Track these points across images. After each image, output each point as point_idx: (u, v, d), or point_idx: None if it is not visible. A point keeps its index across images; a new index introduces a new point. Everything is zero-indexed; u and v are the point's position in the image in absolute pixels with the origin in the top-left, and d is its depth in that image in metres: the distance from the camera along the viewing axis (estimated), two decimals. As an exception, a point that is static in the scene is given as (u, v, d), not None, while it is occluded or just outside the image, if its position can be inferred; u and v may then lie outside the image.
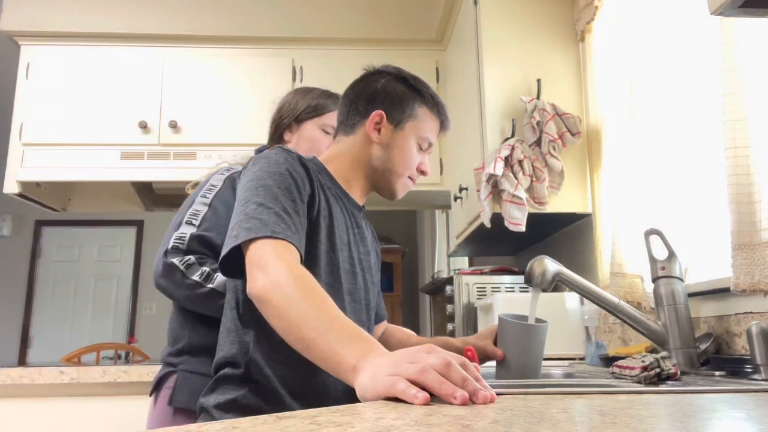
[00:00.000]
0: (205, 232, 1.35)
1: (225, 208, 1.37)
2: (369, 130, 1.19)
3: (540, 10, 2.20)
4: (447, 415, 0.56)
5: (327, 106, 1.58)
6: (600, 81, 1.95)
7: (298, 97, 1.61)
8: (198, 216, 1.37)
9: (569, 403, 0.67)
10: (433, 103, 1.23)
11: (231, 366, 1.03)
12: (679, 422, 0.56)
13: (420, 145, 1.21)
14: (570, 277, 1.29)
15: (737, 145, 1.19)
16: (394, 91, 1.21)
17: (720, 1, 0.83)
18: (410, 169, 1.22)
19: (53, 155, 2.69)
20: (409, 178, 1.23)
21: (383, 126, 1.19)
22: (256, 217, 0.95)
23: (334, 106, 1.56)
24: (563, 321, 1.92)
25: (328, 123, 1.57)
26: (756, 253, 1.16)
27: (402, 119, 1.20)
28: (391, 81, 1.22)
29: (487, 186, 1.98)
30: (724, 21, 1.22)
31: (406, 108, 1.20)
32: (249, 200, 0.98)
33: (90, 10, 2.86)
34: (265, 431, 0.47)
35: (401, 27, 2.95)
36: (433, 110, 1.22)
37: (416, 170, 1.23)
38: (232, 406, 1.00)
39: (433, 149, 1.26)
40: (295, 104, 1.60)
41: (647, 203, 1.63)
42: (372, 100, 1.21)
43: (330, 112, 1.57)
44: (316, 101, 1.59)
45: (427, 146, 1.23)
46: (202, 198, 1.40)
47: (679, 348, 1.23)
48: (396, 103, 1.20)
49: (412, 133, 1.20)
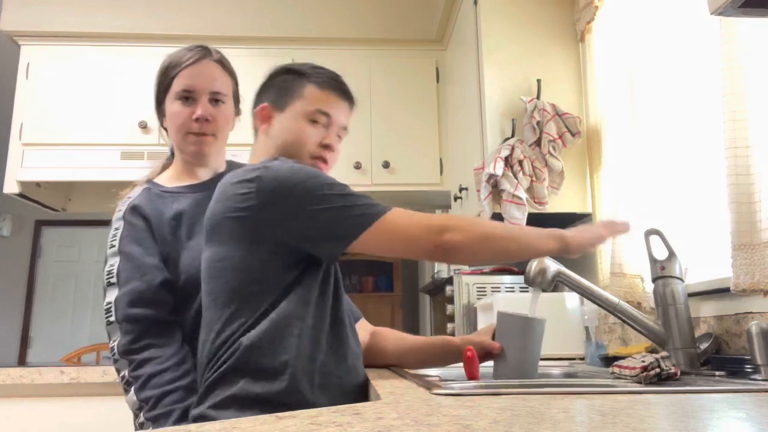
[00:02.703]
0: (128, 284, 1.21)
1: (136, 245, 1.24)
2: (258, 124, 1.21)
3: (540, 11, 2.20)
4: (447, 415, 0.56)
5: None
6: (600, 81, 1.95)
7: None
8: (113, 272, 1.24)
9: (569, 403, 0.66)
10: (318, 76, 1.20)
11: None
12: (679, 422, 0.56)
13: (313, 119, 1.17)
14: (570, 277, 1.29)
15: (737, 145, 1.19)
16: (277, 81, 1.22)
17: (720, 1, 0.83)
18: (307, 147, 1.17)
19: (53, 155, 2.69)
20: (314, 158, 1.18)
21: (270, 115, 1.20)
22: (357, 203, 1.02)
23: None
24: (563, 321, 1.92)
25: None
26: (756, 253, 1.16)
27: (287, 102, 1.19)
28: (274, 75, 1.23)
29: (487, 186, 1.98)
30: (724, 21, 1.22)
31: (290, 91, 1.19)
32: (320, 203, 1.01)
33: (90, 10, 2.86)
34: (265, 431, 0.47)
35: (401, 27, 2.95)
36: (319, 84, 1.19)
37: (318, 146, 1.18)
38: (233, 400, 0.98)
39: (338, 123, 1.21)
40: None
41: (647, 203, 1.63)
42: (258, 98, 1.23)
43: None
44: None
45: (326, 120, 1.18)
46: (110, 248, 1.27)
47: (679, 348, 1.22)
48: (280, 90, 1.21)
49: (299, 110, 1.17)
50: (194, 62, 1.33)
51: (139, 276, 1.22)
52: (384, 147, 2.81)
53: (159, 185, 1.36)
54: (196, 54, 1.35)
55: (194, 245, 1.25)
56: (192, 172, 1.37)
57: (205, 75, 1.33)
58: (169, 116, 1.35)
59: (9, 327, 5.65)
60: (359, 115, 2.86)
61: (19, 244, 5.80)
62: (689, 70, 1.59)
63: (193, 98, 1.32)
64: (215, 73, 1.35)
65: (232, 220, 1.05)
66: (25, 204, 2.88)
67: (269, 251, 1.04)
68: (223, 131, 1.37)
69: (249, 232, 1.04)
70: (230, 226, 1.05)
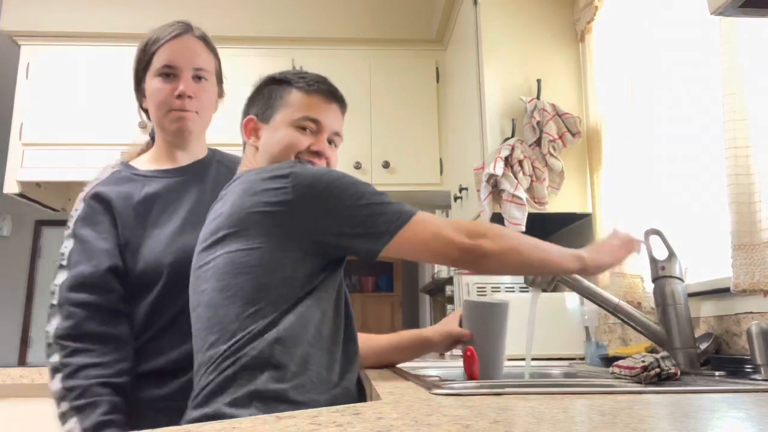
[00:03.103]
0: (76, 267, 1.17)
1: (90, 228, 1.20)
2: (245, 137, 1.19)
3: (540, 10, 2.20)
4: (447, 415, 0.56)
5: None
6: (600, 81, 1.95)
7: None
8: (65, 255, 1.20)
9: (569, 403, 0.66)
10: (302, 81, 1.17)
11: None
12: (679, 422, 0.56)
13: (301, 126, 1.14)
14: (570, 277, 1.29)
15: (737, 145, 1.19)
16: (263, 92, 1.20)
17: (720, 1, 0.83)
18: (292, 150, 1.13)
19: (53, 155, 2.69)
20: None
21: (257, 128, 1.18)
22: (392, 202, 1.03)
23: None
24: (563, 321, 1.92)
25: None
26: (756, 253, 1.16)
27: (273, 113, 1.16)
28: (260, 86, 1.21)
29: (487, 186, 1.98)
30: (724, 21, 1.22)
31: (275, 101, 1.17)
32: (358, 200, 1.01)
33: (90, 10, 2.86)
34: (265, 431, 0.47)
35: (401, 27, 2.95)
36: (303, 88, 1.16)
37: (307, 152, 1.14)
38: (254, 396, 0.94)
39: (328, 129, 1.17)
40: None
41: (647, 203, 1.63)
42: (246, 110, 1.21)
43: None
44: None
45: (315, 126, 1.15)
46: (66, 230, 1.23)
47: (679, 348, 1.22)
48: (264, 101, 1.18)
49: (284, 119, 1.15)
50: (175, 37, 1.29)
51: (86, 260, 1.17)
52: (384, 147, 2.81)
53: (132, 167, 1.30)
54: (177, 29, 1.30)
55: (159, 234, 1.20)
56: (171, 155, 1.31)
57: (187, 50, 1.28)
58: (150, 93, 1.28)
59: (9, 327, 5.65)
60: (359, 115, 2.87)
61: (19, 244, 5.79)
62: (689, 69, 1.59)
63: (175, 74, 1.26)
64: (197, 48, 1.31)
65: (264, 215, 1.02)
66: (25, 204, 2.88)
67: (302, 249, 1.02)
68: (206, 110, 1.32)
69: (283, 227, 1.01)
70: (261, 220, 1.02)
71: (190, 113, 1.27)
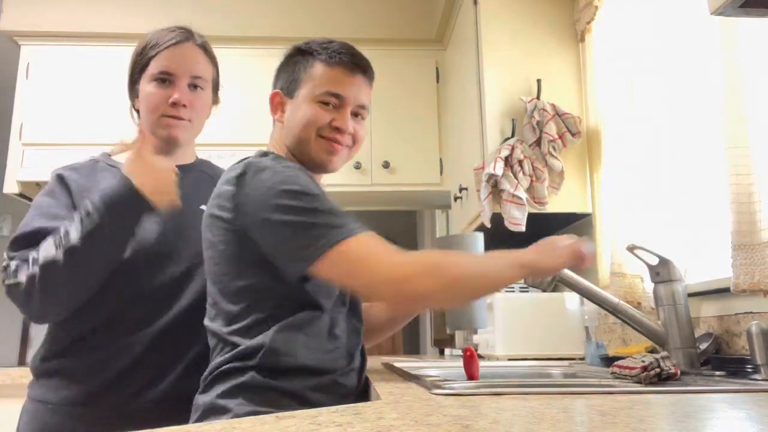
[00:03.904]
0: (26, 226, 1.18)
1: (49, 198, 1.22)
2: (272, 113, 1.17)
3: (540, 11, 2.20)
4: (447, 415, 0.56)
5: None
6: (600, 81, 1.95)
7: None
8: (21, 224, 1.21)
9: (569, 403, 0.67)
10: (324, 52, 1.12)
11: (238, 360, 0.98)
12: (679, 422, 0.56)
13: (323, 101, 1.11)
14: (570, 277, 1.29)
15: (737, 145, 1.19)
16: (287, 64, 1.17)
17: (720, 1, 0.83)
18: (313, 127, 1.10)
19: (53, 155, 2.68)
20: (323, 138, 1.11)
21: (282, 102, 1.15)
22: (319, 222, 0.95)
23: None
24: (563, 321, 1.92)
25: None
26: (756, 253, 1.16)
27: (297, 87, 1.13)
28: (287, 57, 1.18)
29: (487, 186, 1.98)
30: (724, 21, 1.22)
31: (300, 73, 1.13)
32: (295, 210, 0.96)
33: (90, 10, 2.86)
34: (265, 431, 0.47)
35: (401, 27, 2.95)
36: (325, 61, 1.12)
37: (328, 128, 1.11)
38: (240, 388, 0.95)
39: (353, 102, 1.13)
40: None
41: (647, 203, 1.63)
42: (274, 84, 1.19)
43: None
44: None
45: (337, 101, 1.12)
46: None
47: (679, 348, 1.22)
48: (289, 74, 1.15)
49: (307, 94, 1.11)
50: (175, 44, 1.27)
51: (38, 215, 1.17)
52: (384, 147, 2.81)
53: (110, 159, 1.31)
54: (178, 36, 1.29)
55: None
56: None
57: (186, 58, 1.27)
58: (143, 97, 1.27)
59: (9, 327, 5.64)
60: (359, 115, 2.87)
61: (19, 244, 5.80)
62: (689, 69, 1.59)
63: (171, 81, 1.25)
64: (197, 56, 1.30)
65: (217, 219, 1.04)
66: (25, 204, 2.88)
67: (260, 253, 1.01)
68: (199, 118, 1.31)
69: (237, 234, 1.02)
70: (213, 223, 1.05)
71: (183, 121, 1.27)
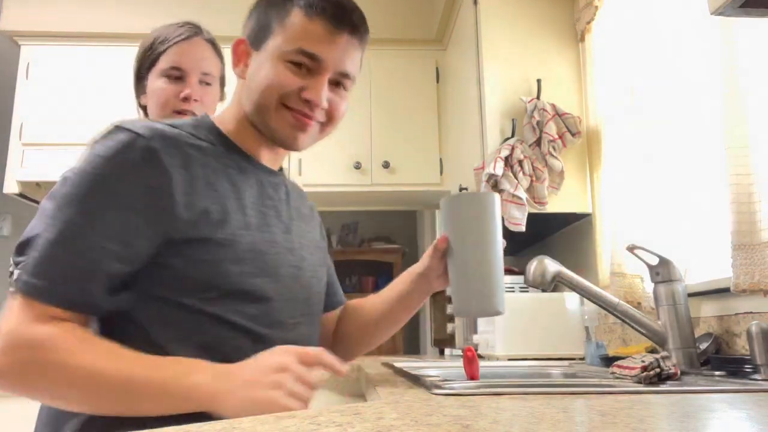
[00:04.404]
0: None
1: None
2: (233, 66, 0.93)
3: (540, 10, 2.21)
4: (447, 415, 0.56)
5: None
6: (600, 81, 1.95)
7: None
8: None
9: (569, 403, 0.66)
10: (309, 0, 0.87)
11: None
12: (679, 422, 0.56)
13: (293, 60, 0.86)
14: (570, 277, 1.29)
15: (737, 145, 1.19)
16: (259, 5, 0.93)
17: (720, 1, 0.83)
18: (274, 92, 0.86)
19: (53, 155, 2.69)
20: (287, 108, 0.87)
21: (247, 53, 0.91)
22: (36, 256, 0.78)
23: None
24: (563, 321, 1.92)
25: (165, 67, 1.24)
26: (756, 253, 1.16)
27: (266, 36, 0.88)
28: (257, 1, 0.94)
29: (487, 186, 1.98)
30: (724, 21, 1.22)
31: (271, 19, 0.89)
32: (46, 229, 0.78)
33: (90, 10, 2.86)
34: (266, 431, 0.47)
35: (401, 27, 2.95)
36: (305, 8, 0.87)
37: (296, 97, 0.87)
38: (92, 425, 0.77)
39: (332, 68, 0.88)
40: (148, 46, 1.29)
41: (647, 203, 1.63)
42: (242, 32, 0.94)
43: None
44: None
45: (312, 63, 0.87)
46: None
47: (679, 348, 1.22)
48: (260, 20, 0.91)
49: (275, 48, 0.87)
50: (185, 39, 1.27)
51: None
52: (384, 147, 2.81)
53: None
54: (187, 31, 1.28)
55: None
56: None
57: (195, 54, 1.27)
58: (152, 92, 1.26)
59: (9, 327, 5.65)
60: (359, 115, 2.87)
61: (19, 244, 5.80)
62: (689, 69, 1.59)
63: (181, 77, 1.25)
64: (206, 52, 1.29)
65: None
66: (25, 204, 2.88)
67: None
68: (208, 113, 1.33)
69: None
70: None
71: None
